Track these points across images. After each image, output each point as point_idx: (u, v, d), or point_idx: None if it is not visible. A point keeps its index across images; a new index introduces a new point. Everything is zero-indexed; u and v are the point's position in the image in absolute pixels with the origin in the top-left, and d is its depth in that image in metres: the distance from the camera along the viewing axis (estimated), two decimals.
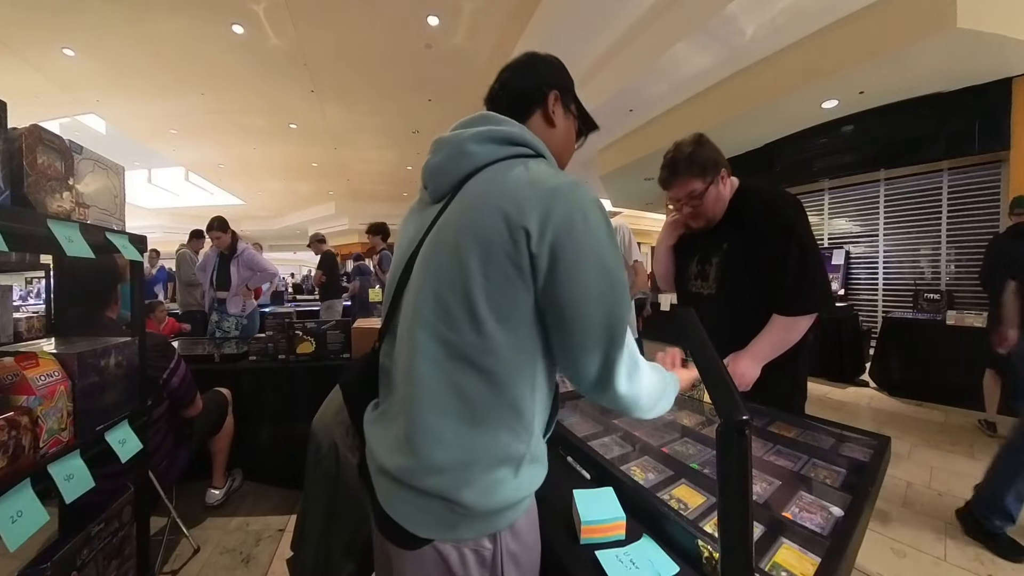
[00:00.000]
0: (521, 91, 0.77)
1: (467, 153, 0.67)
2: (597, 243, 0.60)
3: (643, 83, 5.11)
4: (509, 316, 0.61)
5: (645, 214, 12.16)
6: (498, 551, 0.64)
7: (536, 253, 0.59)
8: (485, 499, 0.61)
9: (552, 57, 0.82)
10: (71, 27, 4.70)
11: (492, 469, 0.62)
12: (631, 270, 2.38)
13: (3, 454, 0.85)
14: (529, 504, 0.68)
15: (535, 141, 0.70)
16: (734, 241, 1.34)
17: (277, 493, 2.31)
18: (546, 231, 0.58)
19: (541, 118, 0.77)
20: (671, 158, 1.35)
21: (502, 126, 0.69)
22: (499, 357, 0.61)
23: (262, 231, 16.37)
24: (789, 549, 0.68)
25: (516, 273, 0.59)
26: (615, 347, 0.62)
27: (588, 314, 0.60)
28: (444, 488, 0.61)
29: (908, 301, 4.86)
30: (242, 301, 3.96)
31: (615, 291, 0.61)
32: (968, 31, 3.29)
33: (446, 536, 0.62)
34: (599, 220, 0.62)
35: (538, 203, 0.59)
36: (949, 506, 2.25)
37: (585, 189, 0.63)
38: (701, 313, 1.38)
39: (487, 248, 0.60)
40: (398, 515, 0.64)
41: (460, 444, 0.61)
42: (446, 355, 0.62)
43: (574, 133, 0.83)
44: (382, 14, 4.65)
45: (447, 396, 0.61)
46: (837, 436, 1.08)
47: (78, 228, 1.06)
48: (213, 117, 7.36)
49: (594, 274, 0.60)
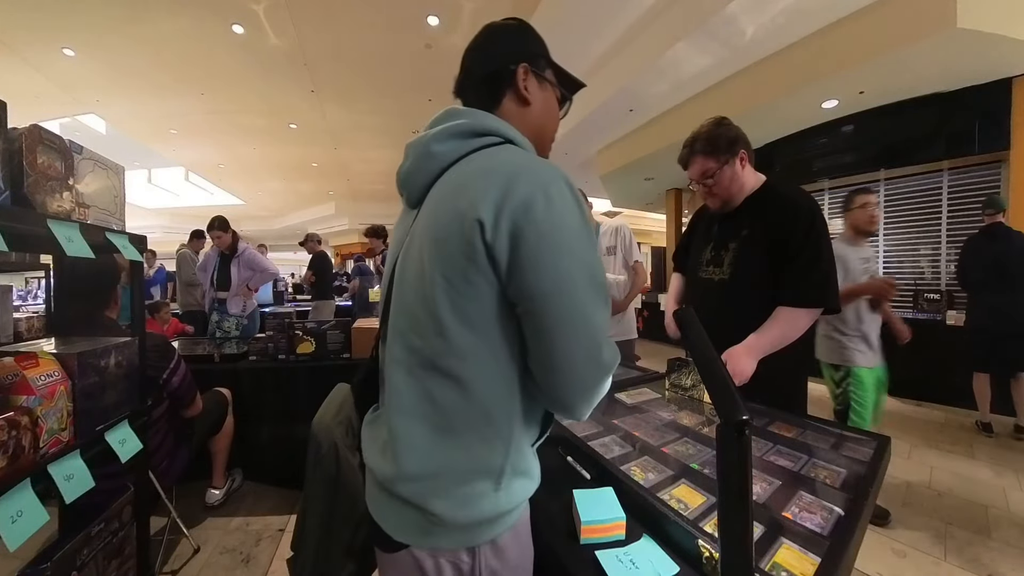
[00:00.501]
0: (485, 74, 0.71)
1: (432, 154, 0.65)
2: (561, 224, 0.55)
3: (643, 83, 5.12)
4: (475, 319, 0.57)
5: (645, 214, 12.17)
6: (477, 566, 0.61)
7: (491, 243, 0.54)
8: (459, 511, 0.59)
9: (514, 22, 0.75)
10: (71, 27, 4.70)
11: (466, 481, 0.59)
12: (631, 271, 2.38)
13: (3, 454, 0.85)
14: (516, 520, 0.64)
15: (501, 127, 0.65)
16: (754, 228, 1.34)
17: (277, 493, 2.31)
18: (501, 218, 0.54)
19: (513, 98, 0.70)
20: (689, 138, 1.39)
21: (463, 119, 0.65)
22: (467, 363, 0.58)
23: (262, 231, 16.37)
24: (789, 549, 0.68)
25: (475, 271, 0.56)
26: (590, 345, 0.56)
27: (556, 304, 0.55)
28: (416, 496, 0.59)
29: (908, 301, 4.86)
30: (242, 301, 3.96)
31: (587, 279, 0.56)
32: (968, 31, 3.29)
33: (421, 543, 0.61)
34: (565, 200, 0.56)
35: (493, 190, 0.55)
36: (949, 506, 2.25)
37: (552, 168, 0.58)
38: (710, 299, 1.42)
39: (442, 249, 0.57)
40: (378, 517, 0.65)
41: (431, 453, 0.60)
42: (417, 363, 0.61)
43: (555, 102, 0.76)
44: (382, 14, 4.65)
45: (419, 404, 0.60)
46: (837, 436, 1.08)
47: (78, 228, 1.06)
48: (213, 117, 7.36)
49: (562, 258, 0.55)
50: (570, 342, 0.56)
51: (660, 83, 5.12)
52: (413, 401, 0.61)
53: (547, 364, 0.57)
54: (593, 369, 0.58)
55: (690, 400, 1.35)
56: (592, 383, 0.58)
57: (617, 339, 2.39)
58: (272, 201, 14.34)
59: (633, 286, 2.38)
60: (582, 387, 0.58)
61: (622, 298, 2.36)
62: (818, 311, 1.27)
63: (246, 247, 3.99)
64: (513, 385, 0.60)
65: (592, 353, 0.57)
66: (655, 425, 1.17)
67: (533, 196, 0.54)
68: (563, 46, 4.86)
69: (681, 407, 1.30)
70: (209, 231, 3.88)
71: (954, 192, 5.00)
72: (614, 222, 2.48)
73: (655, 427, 1.16)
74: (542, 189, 0.55)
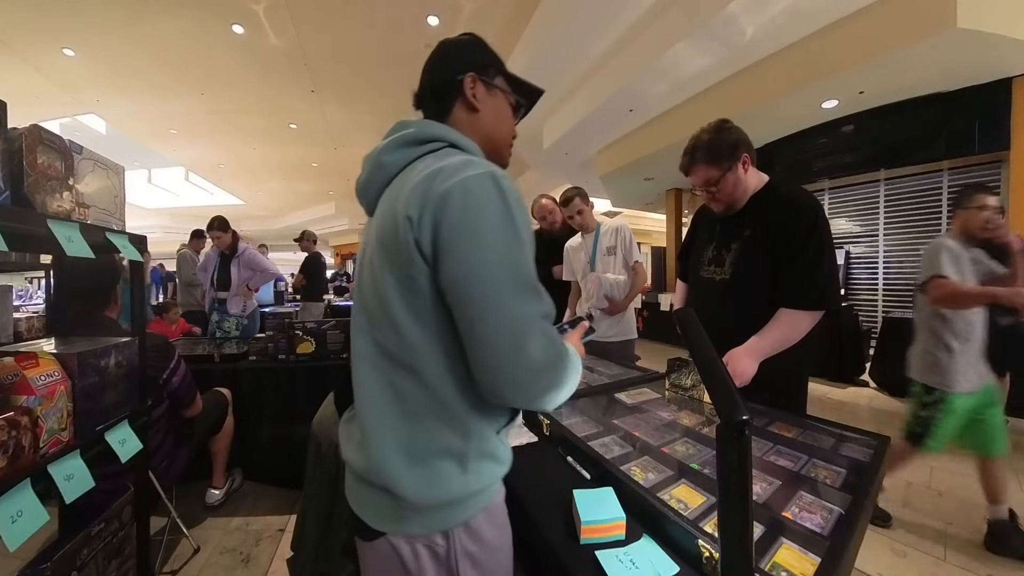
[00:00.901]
0: (437, 85, 0.76)
1: (382, 164, 0.69)
2: (478, 216, 0.57)
3: (643, 83, 5.11)
4: (423, 314, 0.61)
5: (645, 214, 12.16)
6: (452, 549, 0.63)
7: (418, 238, 0.58)
8: (426, 492, 0.61)
9: (468, 37, 0.80)
10: (71, 27, 4.71)
11: (431, 462, 0.62)
12: (631, 271, 2.38)
13: (3, 454, 0.85)
14: (488, 502, 0.67)
15: (445, 132, 0.70)
16: (756, 229, 1.34)
17: (277, 493, 2.31)
18: (424, 213, 0.58)
19: (463, 106, 0.75)
20: (690, 145, 1.37)
21: (409, 128, 0.70)
22: (420, 356, 0.62)
23: (262, 231, 16.38)
24: (789, 549, 0.68)
25: (413, 268, 0.59)
26: (513, 337, 0.57)
27: (471, 294, 0.57)
28: (387, 481, 0.62)
29: (908, 301, 4.86)
30: (243, 301, 3.96)
31: (505, 270, 0.57)
32: (968, 31, 3.29)
33: (397, 530, 0.63)
34: (486, 193, 0.58)
35: (420, 188, 0.60)
36: (949, 506, 2.25)
37: (480, 166, 0.61)
38: (710, 299, 1.42)
39: (387, 250, 0.62)
40: (356, 506, 0.68)
41: (399, 438, 0.63)
42: (379, 356, 0.65)
43: (507, 108, 0.80)
44: (382, 14, 4.65)
45: (385, 394, 0.64)
46: (837, 436, 1.08)
47: (78, 228, 1.06)
48: (213, 117, 7.37)
49: (473, 250, 0.56)
50: (490, 333, 0.56)
51: (660, 83, 5.11)
52: (379, 392, 0.64)
53: (474, 357, 0.59)
54: (521, 362, 0.57)
55: (690, 400, 1.35)
56: (524, 378, 0.58)
57: (617, 339, 2.38)
58: (272, 201, 14.35)
59: (633, 286, 2.38)
60: (511, 381, 0.58)
61: (622, 298, 2.36)
62: (820, 313, 1.26)
63: (246, 247, 3.98)
64: (467, 376, 0.62)
65: (516, 345, 0.57)
66: (655, 425, 1.17)
67: (451, 190, 0.57)
68: (563, 46, 4.87)
69: (681, 407, 1.30)
70: (209, 231, 3.88)
71: (954, 192, 4.98)
72: (614, 222, 2.48)
73: (655, 427, 1.16)
74: (462, 184, 0.58)
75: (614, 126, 6.46)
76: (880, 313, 5.62)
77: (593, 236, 2.44)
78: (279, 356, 2.39)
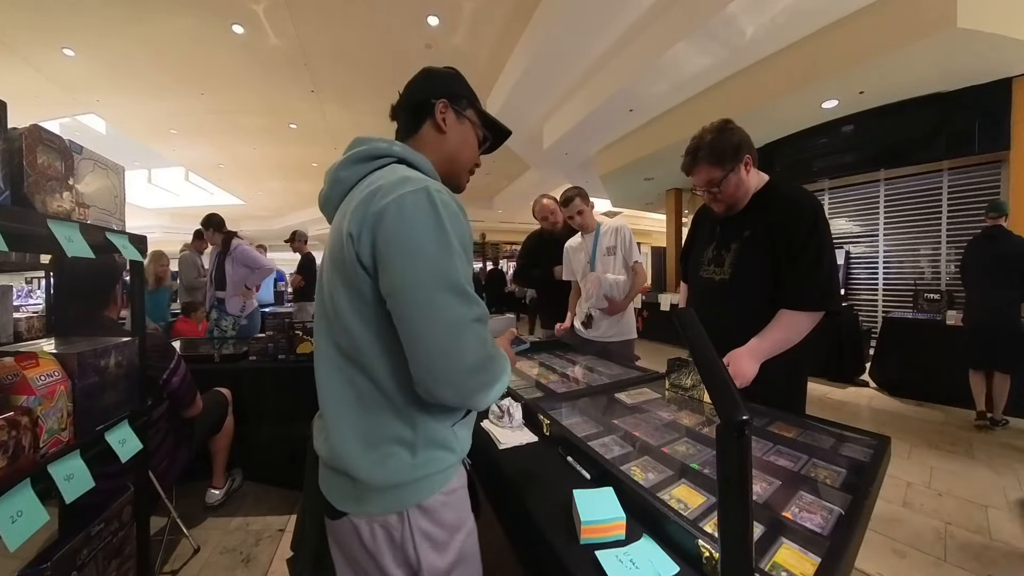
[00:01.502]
0: (411, 104, 0.84)
1: (339, 180, 0.76)
2: (410, 230, 0.62)
3: (643, 83, 5.11)
4: (370, 319, 0.67)
5: (645, 214, 12.16)
6: (407, 529, 0.69)
7: (359, 252, 0.65)
8: (378, 473, 0.68)
9: (450, 70, 0.89)
10: (71, 27, 4.70)
11: (384, 448, 0.68)
12: (631, 271, 2.38)
13: (3, 454, 0.85)
14: (443, 487, 0.72)
15: (396, 149, 0.76)
16: (756, 229, 1.34)
17: (277, 493, 2.31)
18: (363, 232, 0.64)
19: (432, 126, 0.83)
20: (692, 145, 1.36)
21: (362, 146, 0.76)
22: (369, 356, 0.68)
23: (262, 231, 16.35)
24: (789, 549, 0.68)
25: (356, 279, 0.66)
26: (444, 342, 0.62)
27: (405, 301, 0.62)
28: (346, 465, 0.69)
29: (908, 301, 4.86)
30: (241, 302, 3.94)
31: (436, 278, 0.62)
32: (968, 31, 3.29)
33: (356, 510, 0.70)
34: (418, 208, 0.64)
35: (361, 207, 0.66)
36: (949, 506, 2.25)
37: (416, 183, 0.66)
38: (710, 299, 1.42)
39: (334, 262, 0.70)
40: (324, 489, 0.75)
41: (356, 428, 0.70)
42: (339, 356, 0.71)
43: (473, 137, 0.88)
44: (382, 14, 4.65)
45: (344, 390, 0.71)
46: (837, 436, 1.08)
47: (78, 228, 1.05)
48: (213, 117, 7.36)
49: (406, 261, 0.62)
50: (423, 336, 0.62)
51: (660, 83, 5.11)
52: (339, 388, 0.71)
53: (411, 358, 0.64)
54: (453, 363, 0.62)
55: (690, 400, 1.35)
56: (456, 378, 0.63)
57: (617, 339, 2.38)
58: (272, 201, 14.34)
59: (633, 286, 2.38)
60: (444, 381, 0.63)
61: (622, 298, 2.36)
62: (820, 314, 1.26)
63: (238, 244, 3.93)
64: (409, 376, 0.66)
65: (447, 347, 0.62)
66: (655, 425, 1.17)
67: (387, 207, 0.63)
68: (563, 46, 4.87)
69: (681, 407, 1.31)
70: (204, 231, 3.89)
71: (954, 192, 5.00)
72: (614, 222, 2.47)
73: (655, 427, 1.16)
74: (397, 200, 0.64)
75: (614, 126, 6.46)
76: (880, 313, 5.62)
77: (593, 236, 2.44)
78: (279, 356, 2.39)
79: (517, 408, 1.22)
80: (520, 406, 1.24)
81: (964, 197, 4.92)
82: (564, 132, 6.60)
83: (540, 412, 1.18)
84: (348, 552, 0.73)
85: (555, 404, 1.32)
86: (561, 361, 1.98)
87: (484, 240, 15.43)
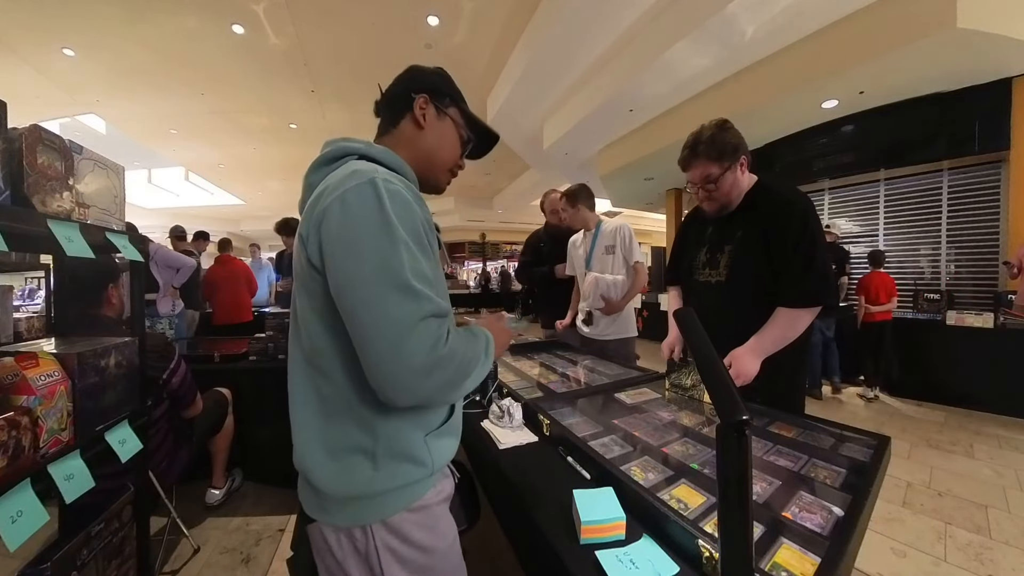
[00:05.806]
0: (392, 97, 0.83)
1: (309, 185, 0.74)
2: (351, 225, 0.60)
3: (643, 83, 5.11)
4: (329, 321, 0.65)
5: (645, 214, 12.16)
6: (371, 544, 0.66)
7: (310, 255, 0.64)
8: (338, 485, 0.66)
9: (436, 69, 0.86)
10: (71, 27, 4.70)
11: (344, 458, 0.67)
12: (631, 271, 2.38)
13: (3, 454, 0.85)
14: (412, 503, 0.68)
15: (358, 146, 0.74)
16: (749, 229, 1.34)
17: (277, 493, 2.31)
18: (311, 233, 0.64)
19: (410, 121, 0.81)
20: (692, 140, 1.36)
21: (328, 148, 0.75)
22: (329, 359, 0.67)
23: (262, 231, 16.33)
24: (789, 549, 0.68)
25: (311, 280, 0.65)
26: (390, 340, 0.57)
27: (349, 300, 0.59)
28: (307, 472, 0.69)
29: (908, 301, 4.86)
30: (171, 302, 4.01)
31: (379, 274, 0.58)
32: (968, 31, 3.29)
33: (322, 518, 0.69)
34: (361, 202, 0.61)
35: (311, 207, 0.65)
36: (949, 506, 2.25)
37: (362, 175, 0.63)
38: (707, 301, 1.42)
39: (294, 265, 0.70)
40: (300, 496, 0.75)
41: (319, 435, 0.68)
42: (304, 360, 0.70)
43: (454, 137, 0.85)
44: (382, 14, 4.65)
45: (309, 395, 0.70)
46: (837, 436, 1.08)
47: (78, 228, 1.06)
48: (213, 117, 7.36)
49: (348, 258, 0.60)
50: (369, 337, 0.59)
51: (660, 83, 5.11)
52: (304, 393, 0.70)
53: (361, 359, 0.61)
54: (401, 362, 0.57)
55: (690, 400, 1.35)
56: (405, 378, 0.58)
57: (615, 337, 2.38)
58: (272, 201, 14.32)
59: (633, 286, 2.37)
60: (393, 381, 0.59)
61: (619, 298, 2.36)
62: (817, 309, 1.27)
63: (156, 247, 3.96)
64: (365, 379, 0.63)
65: (392, 346, 0.57)
66: (655, 425, 1.17)
67: (330, 207, 0.62)
68: (563, 46, 4.87)
69: (681, 407, 1.31)
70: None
71: (954, 192, 5.00)
72: (615, 222, 2.47)
73: (655, 427, 1.16)
74: (340, 197, 0.62)
75: (614, 126, 6.46)
76: None
77: (593, 234, 2.44)
78: (279, 356, 2.38)
79: (517, 408, 1.23)
80: (520, 406, 1.24)
81: (964, 197, 4.92)
82: (564, 132, 6.60)
83: (540, 412, 1.18)
84: (321, 557, 0.71)
85: (555, 404, 1.32)
86: (561, 361, 1.98)
87: (484, 240, 15.44)
